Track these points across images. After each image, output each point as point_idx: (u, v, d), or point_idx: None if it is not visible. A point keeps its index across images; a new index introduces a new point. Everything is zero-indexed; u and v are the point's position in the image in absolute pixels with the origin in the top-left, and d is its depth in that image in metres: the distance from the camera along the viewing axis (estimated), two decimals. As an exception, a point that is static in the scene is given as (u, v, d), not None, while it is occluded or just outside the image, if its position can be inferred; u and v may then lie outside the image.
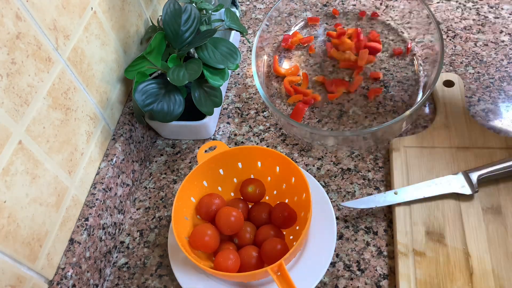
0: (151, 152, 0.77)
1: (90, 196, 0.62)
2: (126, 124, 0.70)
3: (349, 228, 0.63)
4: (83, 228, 0.58)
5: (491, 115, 0.71)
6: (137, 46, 0.76)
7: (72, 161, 0.58)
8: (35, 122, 0.51)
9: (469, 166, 0.64)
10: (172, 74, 0.63)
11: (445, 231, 0.58)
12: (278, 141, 0.74)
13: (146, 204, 0.70)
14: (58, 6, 0.55)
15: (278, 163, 0.61)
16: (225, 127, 0.78)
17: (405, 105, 0.75)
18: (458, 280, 0.54)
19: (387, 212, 0.63)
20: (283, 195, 0.63)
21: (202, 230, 0.58)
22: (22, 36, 0.49)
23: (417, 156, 0.66)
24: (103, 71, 0.66)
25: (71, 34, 0.58)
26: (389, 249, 0.60)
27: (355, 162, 0.70)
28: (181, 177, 0.73)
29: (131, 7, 0.72)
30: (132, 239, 0.67)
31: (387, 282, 0.57)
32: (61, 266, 0.55)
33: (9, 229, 0.47)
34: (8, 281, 0.46)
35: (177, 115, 0.67)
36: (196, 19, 0.68)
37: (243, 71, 0.86)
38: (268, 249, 0.56)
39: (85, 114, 0.62)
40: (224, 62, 0.67)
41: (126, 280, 0.63)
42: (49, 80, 0.53)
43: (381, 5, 0.89)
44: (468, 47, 0.81)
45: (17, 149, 0.48)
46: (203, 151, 0.62)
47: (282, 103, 0.79)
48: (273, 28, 0.85)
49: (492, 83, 0.75)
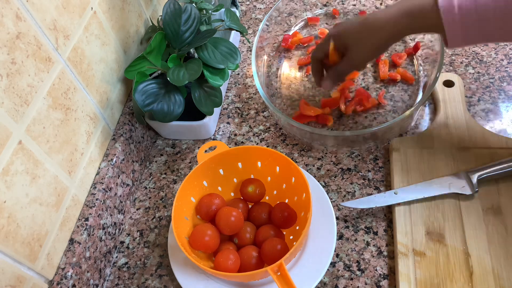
0: (151, 152, 0.77)
1: (90, 196, 0.62)
2: (126, 124, 0.70)
3: (349, 228, 0.63)
4: (83, 228, 0.59)
5: (491, 115, 0.71)
6: (137, 46, 0.76)
7: (72, 161, 0.58)
8: (35, 122, 0.51)
9: (469, 166, 0.64)
10: (172, 74, 0.63)
11: (445, 231, 0.58)
12: (278, 141, 0.74)
13: (146, 204, 0.70)
14: (58, 6, 0.55)
15: (278, 163, 0.61)
16: (225, 127, 0.78)
17: (405, 105, 0.75)
18: (458, 280, 0.54)
19: (387, 212, 0.63)
20: (283, 195, 0.63)
21: (202, 230, 0.58)
22: (22, 36, 0.49)
23: (417, 156, 0.66)
24: (103, 71, 0.66)
25: (71, 34, 0.58)
26: (389, 249, 0.60)
27: (355, 162, 0.70)
28: (181, 177, 0.73)
29: (131, 7, 0.72)
30: (132, 239, 0.67)
31: (387, 282, 0.57)
32: (61, 266, 0.55)
33: (9, 229, 0.47)
34: (8, 281, 0.46)
35: (177, 115, 0.67)
36: (196, 19, 0.68)
37: (243, 71, 0.86)
38: (268, 249, 0.56)
39: (85, 114, 0.62)
40: (224, 62, 0.67)
41: (126, 280, 0.63)
42: (49, 80, 0.53)
43: (381, 5, 0.89)
44: (468, 47, 0.81)
45: (17, 149, 0.48)
46: (203, 151, 0.62)
47: (282, 103, 0.79)
48: (273, 28, 0.85)
49: (492, 83, 0.75)
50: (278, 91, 0.81)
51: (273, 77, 0.83)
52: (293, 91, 0.80)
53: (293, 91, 0.80)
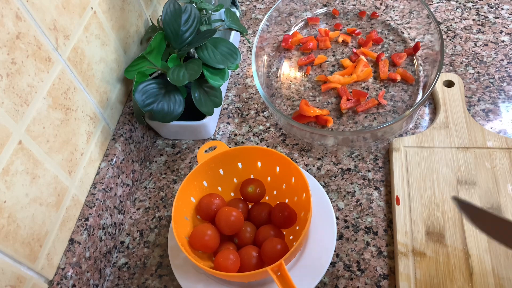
0: (151, 152, 0.77)
1: (90, 196, 0.62)
2: (126, 124, 0.70)
3: (349, 228, 0.63)
4: (83, 228, 0.58)
5: (491, 115, 0.71)
6: (137, 46, 0.76)
7: (72, 161, 0.58)
8: (35, 122, 0.51)
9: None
10: (172, 74, 0.63)
11: (445, 231, 0.58)
12: (278, 141, 0.74)
13: (146, 204, 0.70)
14: (58, 6, 0.55)
15: (278, 163, 0.61)
16: (225, 127, 0.78)
17: (405, 105, 0.75)
18: (458, 280, 0.54)
19: (387, 212, 0.63)
20: (283, 195, 0.63)
21: (202, 230, 0.58)
22: (22, 36, 0.49)
23: (417, 156, 0.66)
24: (103, 71, 0.66)
25: (71, 34, 0.58)
26: (389, 249, 0.60)
27: (355, 162, 0.70)
28: (181, 177, 0.73)
29: (131, 7, 0.72)
30: (132, 239, 0.67)
31: (387, 282, 0.57)
32: (61, 266, 0.55)
33: (9, 229, 0.47)
34: (8, 281, 0.46)
35: (177, 115, 0.67)
36: (196, 19, 0.68)
37: (243, 71, 0.86)
38: (268, 249, 0.56)
39: (85, 114, 0.62)
40: (224, 62, 0.67)
41: (126, 280, 0.63)
42: (49, 80, 0.53)
43: (381, 5, 0.90)
44: (468, 47, 0.81)
45: (17, 149, 0.48)
46: (203, 151, 0.62)
47: (282, 103, 0.79)
48: (273, 28, 0.85)
49: (492, 83, 0.75)
50: (278, 91, 0.81)
51: (273, 77, 0.83)
52: (293, 91, 0.80)
53: (293, 91, 0.80)
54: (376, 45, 0.84)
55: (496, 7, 0.87)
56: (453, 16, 0.87)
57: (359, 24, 0.88)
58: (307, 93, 0.79)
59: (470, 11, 0.87)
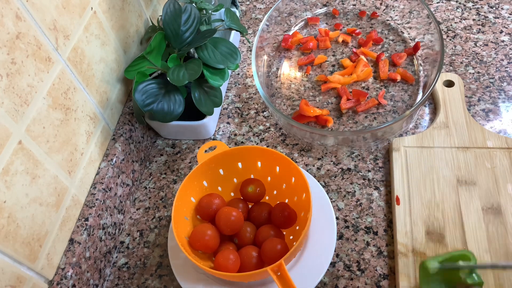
0: (151, 152, 0.77)
1: (90, 196, 0.62)
2: (126, 124, 0.70)
3: (349, 228, 0.63)
4: (83, 228, 0.58)
5: (491, 115, 0.71)
6: (137, 46, 0.76)
7: (72, 161, 0.58)
8: (35, 122, 0.51)
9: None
10: (172, 74, 0.63)
11: (445, 231, 0.58)
12: (278, 141, 0.74)
13: (146, 204, 0.70)
14: (58, 6, 0.55)
15: (278, 163, 0.61)
16: (225, 127, 0.78)
17: (405, 105, 0.75)
18: (458, 280, 0.54)
19: (387, 212, 0.63)
20: (283, 195, 0.63)
21: (202, 230, 0.58)
22: (22, 36, 0.49)
23: (417, 156, 0.66)
24: (103, 71, 0.66)
25: (71, 34, 0.58)
26: (389, 249, 0.60)
27: (355, 162, 0.70)
28: (181, 177, 0.73)
29: (131, 7, 0.72)
30: (132, 239, 0.67)
31: (387, 282, 0.57)
32: (61, 266, 0.55)
33: (9, 229, 0.47)
34: (8, 281, 0.46)
35: (177, 115, 0.67)
36: (196, 19, 0.68)
37: (243, 71, 0.86)
38: (268, 249, 0.56)
39: (85, 114, 0.62)
40: (224, 62, 0.67)
41: (126, 280, 0.63)
42: (49, 80, 0.53)
43: (381, 5, 0.90)
44: (468, 47, 0.81)
45: (17, 149, 0.48)
46: (203, 151, 0.62)
47: (282, 103, 0.79)
48: (273, 28, 0.85)
49: (492, 83, 0.75)
50: (278, 91, 0.81)
51: (273, 77, 0.83)
52: (293, 91, 0.80)
53: (293, 91, 0.80)
54: (376, 45, 0.84)
55: (496, 7, 0.87)
56: (453, 16, 0.87)
57: (359, 24, 0.88)
58: (307, 93, 0.79)
59: (470, 11, 0.87)
